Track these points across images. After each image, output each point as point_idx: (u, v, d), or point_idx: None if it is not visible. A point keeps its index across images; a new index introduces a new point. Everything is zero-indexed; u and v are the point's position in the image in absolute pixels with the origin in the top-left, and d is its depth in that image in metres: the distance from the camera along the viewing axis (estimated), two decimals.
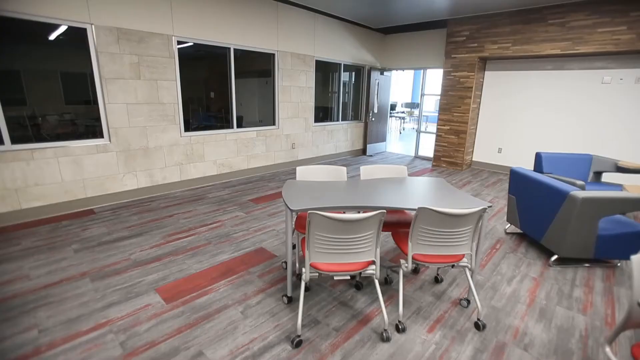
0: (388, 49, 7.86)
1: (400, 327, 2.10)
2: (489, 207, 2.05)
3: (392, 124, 13.95)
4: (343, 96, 7.30)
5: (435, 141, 6.97)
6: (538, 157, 4.49)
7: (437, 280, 2.67)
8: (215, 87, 5.37)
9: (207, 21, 4.71)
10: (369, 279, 2.63)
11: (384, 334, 2.03)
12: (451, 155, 6.79)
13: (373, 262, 2.00)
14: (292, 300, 2.35)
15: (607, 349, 1.48)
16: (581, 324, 2.25)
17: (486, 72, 6.64)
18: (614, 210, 2.66)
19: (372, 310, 2.30)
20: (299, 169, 2.80)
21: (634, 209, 2.66)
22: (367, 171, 2.88)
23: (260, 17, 5.33)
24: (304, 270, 1.94)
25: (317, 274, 1.96)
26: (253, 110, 5.99)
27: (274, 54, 5.72)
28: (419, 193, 2.46)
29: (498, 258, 3.10)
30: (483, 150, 6.90)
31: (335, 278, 2.46)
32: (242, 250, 3.10)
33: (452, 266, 2.20)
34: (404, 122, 14.16)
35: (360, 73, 7.62)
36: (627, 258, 2.80)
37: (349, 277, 2.36)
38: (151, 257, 2.92)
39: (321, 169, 2.84)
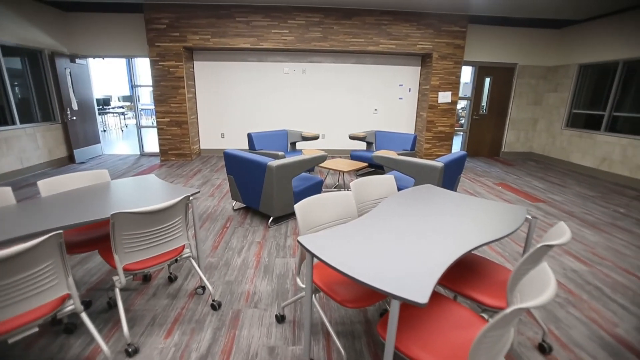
0: (77, 31, 6.49)
1: (130, 350, 1.85)
2: (195, 193, 2.09)
3: (111, 122, 12.09)
4: (13, 90, 5.43)
5: (159, 135, 6.60)
6: (249, 137, 5.14)
7: (170, 279, 2.56)
8: None
9: None
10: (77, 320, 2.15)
11: None
12: (178, 147, 6.67)
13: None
14: None
15: (297, 279, 1.88)
16: (292, 265, 2.80)
17: (195, 62, 6.82)
18: (299, 170, 3.43)
19: (93, 349, 1.90)
20: None
21: (311, 165, 3.54)
22: (48, 185, 2.26)
23: None
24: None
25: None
26: None
27: None
28: (119, 197, 2.18)
29: (229, 235, 3.35)
30: (208, 138, 7.22)
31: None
32: None
33: (175, 261, 2.13)
34: (125, 118, 12.58)
35: (38, 59, 5.90)
36: None
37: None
38: None
39: None
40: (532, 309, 2.20)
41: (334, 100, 7.20)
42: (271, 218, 3.58)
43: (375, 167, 5.45)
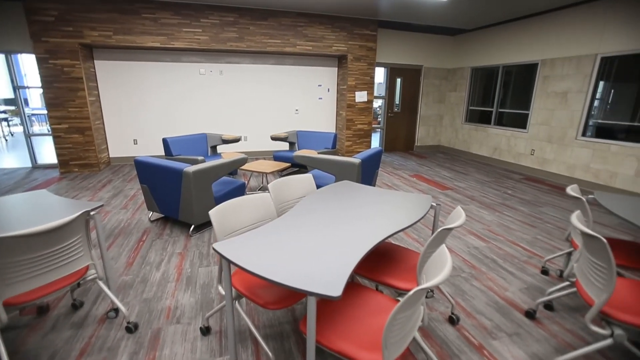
0: None
1: None
2: (98, 207, 1.88)
3: None
4: None
5: (56, 144, 5.77)
6: (165, 142, 4.79)
7: (75, 306, 2.26)
8: None
9: None
10: None
11: None
12: (82, 157, 5.91)
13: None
14: None
15: (220, 287, 1.81)
16: (217, 273, 2.69)
17: (96, 62, 6.11)
18: (218, 175, 3.31)
19: None
20: None
21: (231, 168, 3.43)
22: None
23: None
24: None
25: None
26: None
27: None
28: (4, 218, 1.86)
29: (145, 249, 3.08)
30: (118, 145, 6.54)
31: None
32: None
33: (78, 285, 1.89)
34: (9, 125, 10.72)
35: None
36: None
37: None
38: None
39: None
40: (441, 286, 2.46)
41: (255, 101, 7.10)
42: (192, 226, 3.39)
43: (300, 167, 5.53)
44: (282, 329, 2.10)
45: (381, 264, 1.92)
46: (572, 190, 2.29)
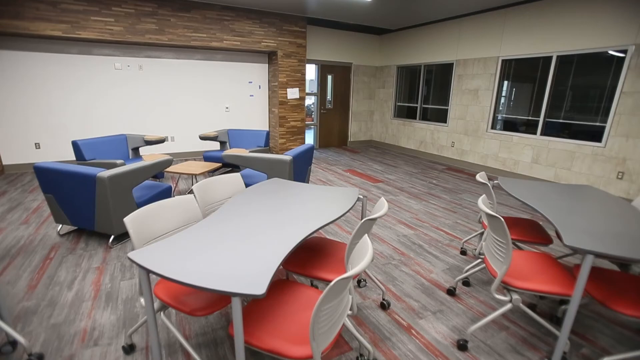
0: None
1: None
2: None
3: None
4: None
5: None
6: (75, 145, 4.28)
7: None
8: None
9: None
10: None
11: None
12: None
13: None
14: None
15: (141, 299, 1.66)
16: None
17: None
18: (140, 179, 3.05)
19: None
20: None
21: (154, 171, 3.19)
22: None
23: None
24: None
25: None
26: None
27: None
28: None
29: (54, 267, 2.72)
30: (15, 150, 5.65)
31: None
32: None
33: None
34: None
35: None
36: None
37: None
38: None
39: None
40: (373, 274, 2.59)
41: (181, 99, 6.68)
42: (112, 237, 3.08)
43: (233, 167, 5.35)
44: (215, 335, 2.01)
45: (313, 258, 1.93)
46: (480, 177, 2.55)
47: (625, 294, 1.72)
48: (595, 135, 4.71)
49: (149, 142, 4.88)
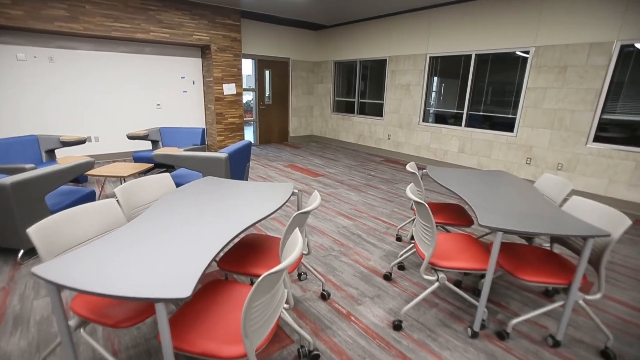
0: None
1: None
2: None
3: None
4: None
5: None
6: None
7: None
8: None
9: None
10: None
11: None
12: None
13: None
14: None
15: (54, 318, 1.50)
16: None
17: None
18: (54, 184, 2.73)
19: None
20: None
21: (72, 175, 2.87)
22: None
23: None
24: None
25: None
26: None
27: None
28: None
29: None
30: None
31: None
32: None
33: None
34: None
35: None
36: None
37: None
38: None
39: None
40: (313, 266, 2.64)
41: (105, 95, 6.08)
42: (22, 251, 2.72)
43: (167, 167, 5.04)
44: (149, 345, 1.89)
45: (250, 256, 1.90)
46: (409, 167, 2.71)
47: (529, 264, 1.96)
48: (509, 126, 5.28)
49: (66, 144, 4.38)
